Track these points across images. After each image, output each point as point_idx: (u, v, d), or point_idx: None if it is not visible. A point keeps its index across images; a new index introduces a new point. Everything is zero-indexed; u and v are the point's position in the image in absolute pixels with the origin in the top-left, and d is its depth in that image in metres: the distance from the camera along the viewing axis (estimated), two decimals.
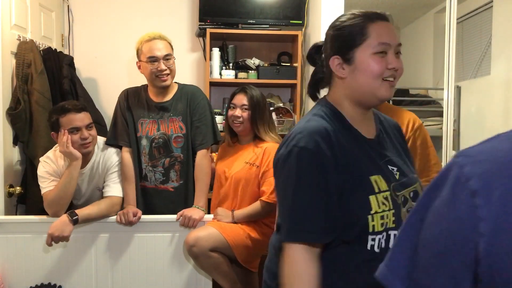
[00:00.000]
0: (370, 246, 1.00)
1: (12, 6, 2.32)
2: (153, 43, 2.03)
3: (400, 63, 1.04)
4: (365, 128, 1.10)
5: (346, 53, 1.05)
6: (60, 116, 1.93)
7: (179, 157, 2.10)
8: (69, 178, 1.93)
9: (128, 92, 2.18)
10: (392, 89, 1.05)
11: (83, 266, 2.02)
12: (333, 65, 1.07)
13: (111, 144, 2.13)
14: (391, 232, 1.01)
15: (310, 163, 0.98)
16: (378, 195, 1.00)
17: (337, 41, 1.07)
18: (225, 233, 1.91)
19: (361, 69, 1.03)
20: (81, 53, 3.09)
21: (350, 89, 1.07)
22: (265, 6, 2.89)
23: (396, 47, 1.04)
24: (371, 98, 1.05)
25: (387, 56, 1.02)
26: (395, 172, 1.06)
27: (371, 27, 1.03)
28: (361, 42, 1.03)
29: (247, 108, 2.06)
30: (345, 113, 1.09)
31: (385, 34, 1.02)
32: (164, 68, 2.02)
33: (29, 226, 2.00)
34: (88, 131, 1.98)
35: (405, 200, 1.04)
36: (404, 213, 1.03)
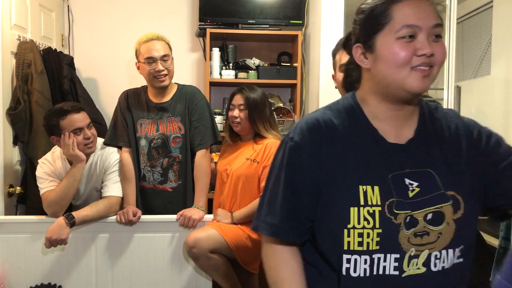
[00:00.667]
0: (345, 269, 0.87)
1: (12, 6, 2.32)
2: (151, 44, 2.03)
3: (437, 48, 0.86)
4: (394, 128, 0.93)
5: (367, 40, 0.90)
6: (60, 119, 1.92)
7: (178, 158, 2.10)
8: (72, 179, 1.93)
9: (128, 93, 2.18)
10: (427, 79, 0.86)
11: (83, 266, 2.02)
12: (355, 55, 0.94)
13: (110, 145, 2.13)
14: (376, 256, 0.85)
15: (290, 156, 0.93)
16: (362, 208, 0.86)
17: (358, 27, 0.93)
18: (225, 234, 1.91)
19: (383, 57, 0.87)
20: (81, 53, 3.09)
21: (374, 82, 0.92)
22: (265, 6, 2.89)
23: (431, 29, 0.85)
24: (399, 91, 0.88)
25: (416, 40, 0.85)
26: (412, 187, 0.89)
27: (396, 7, 0.86)
28: (383, 26, 0.87)
29: (243, 109, 2.07)
30: (368, 109, 0.95)
31: (411, 15, 0.85)
32: (161, 68, 2.02)
33: (29, 226, 2.00)
34: (89, 130, 1.98)
35: (413, 221, 0.87)
36: (406, 235, 0.86)
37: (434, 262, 0.87)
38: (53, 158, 2.06)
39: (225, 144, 2.28)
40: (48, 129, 1.97)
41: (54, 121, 1.92)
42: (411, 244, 0.86)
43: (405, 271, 0.86)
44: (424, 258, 0.86)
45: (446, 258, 0.88)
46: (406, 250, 0.86)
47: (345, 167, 0.90)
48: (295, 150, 0.93)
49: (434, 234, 0.87)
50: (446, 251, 0.87)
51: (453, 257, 0.88)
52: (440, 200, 0.88)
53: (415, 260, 0.86)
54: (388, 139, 0.92)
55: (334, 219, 0.88)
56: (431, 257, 0.87)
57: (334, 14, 2.51)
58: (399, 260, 0.86)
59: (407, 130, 0.94)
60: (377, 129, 0.93)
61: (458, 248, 0.89)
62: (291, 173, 0.93)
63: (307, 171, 0.91)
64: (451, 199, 0.89)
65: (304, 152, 0.92)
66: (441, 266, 0.87)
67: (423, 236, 0.86)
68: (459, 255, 0.89)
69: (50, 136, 1.97)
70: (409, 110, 0.94)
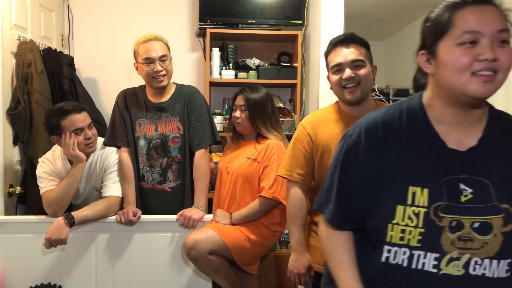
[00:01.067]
0: (385, 257, 0.96)
1: (12, 6, 2.32)
2: (149, 44, 2.03)
3: (502, 53, 0.86)
4: (457, 134, 0.95)
5: (431, 47, 0.94)
6: (61, 119, 1.92)
7: (177, 158, 2.10)
8: (72, 179, 1.93)
9: (126, 93, 2.18)
10: (490, 84, 0.87)
11: (83, 266, 2.02)
12: (421, 61, 0.98)
13: (109, 145, 2.12)
14: (416, 252, 0.92)
15: (346, 153, 1.01)
16: (408, 208, 0.92)
17: (423, 35, 0.97)
18: (224, 236, 1.91)
19: (444, 62, 0.90)
20: (81, 53, 3.09)
21: (438, 86, 0.95)
22: (265, 6, 2.89)
23: (496, 34, 0.87)
24: (460, 96, 0.90)
25: (477, 45, 0.87)
26: (466, 193, 0.91)
27: (458, 14, 0.89)
28: (445, 32, 0.90)
29: (244, 109, 2.07)
30: (433, 114, 0.97)
31: (473, 21, 0.87)
32: (159, 69, 2.02)
33: (29, 226, 2.00)
34: (90, 130, 1.98)
35: (459, 226, 0.90)
36: (449, 238, 0.90)
37: (473, 266, 0.90)
38: (53, 157, 2.06)
39: (228, 143, 2.28)
40: (48, 129, 1.97)
41: (55, 121, 1.92)
42: (455, 247, 0.90)
43: (441, 269, 0.91)
44: (465, 261, 0.90)
45: (488, 267, 0.90)
46: (447, 252, 0.90)
47: (398, 167, 0.95)
48: (351, 148, 1.00)
49: (478, 243, 0.90)
50: (490, 261, 0.90)
51: (498, 269, 0.90)
52: (491, 211, 0.90)
53: (456, 262, 0.91)
54: (448, 144, 0.95)
55: (381, 214, 0.95)
56: (471, 261, 0.90)
57: (334, 14, 2.51)
58: (438, 259, 0.91)
59: (470, 137, 0.95)
60: (438, 133, 0.96)
61: (506, 261, 0.90)
62: (345, 169, 1.01)
63: (360, 168, 0.98)
64: (503, 212, 0.90)
65: (359, 151, 0.99)
66: (481, 272, 0.90)
67: (467, 242, 0.90)
68: (508, 269, 0.91)
69: (51, 135, 1.97)
70: (475, 115, 0.95)
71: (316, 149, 1.63)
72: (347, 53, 1.54)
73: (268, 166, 1.98)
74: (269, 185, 1.93)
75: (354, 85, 1.54)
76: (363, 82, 1.54)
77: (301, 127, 1.68)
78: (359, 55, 1.54)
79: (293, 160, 1.67)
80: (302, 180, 1.66)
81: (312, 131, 1.64)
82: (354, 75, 1.53)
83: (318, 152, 1.62)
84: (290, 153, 1.69)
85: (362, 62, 1.54)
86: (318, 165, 1.63)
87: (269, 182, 1.94)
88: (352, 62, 1.54)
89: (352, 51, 1.55)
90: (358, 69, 1.54)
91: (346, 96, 1.56)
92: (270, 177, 1.94)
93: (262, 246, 2.03)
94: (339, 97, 1.61)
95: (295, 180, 1.66)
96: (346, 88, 1.55)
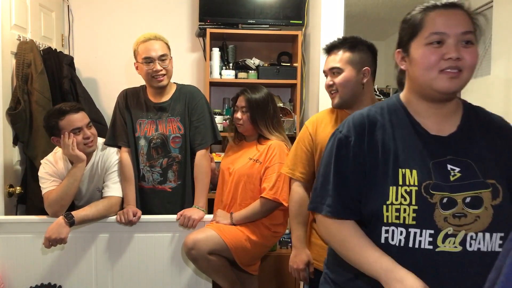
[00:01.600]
0: (384, 238, 0.99)
1: (12, 6, 2.32)
2: (149, 44, 2.03)
3: (466, 53, 0.96)
4: (436, 124, 1.04)
5: (405, 46, 1.05)
6: (59, 119, 1.93)
7: (177, 158, 2.10)
8: (72, 179, 1.94)
9: (127, 93, 2.18)
10: (455, 80, 0.97)
11: (83, 266, 2.02)
12: (397, 59, 1.09)
13: (110, 145, 2.13)
14: (412, 230, 0.96)
15: (338, 146, 1.07)
16: (400, 188, 0.98)
17: (400, 34, 1.08)
18: (224, 236, 1.91)
19: (415, 60, 1.01)
20: (81, 53, 3.09)
21: (412, 82, 1.06)
22: (265, 6, 2.89)
23: (460, 35, 0.96)
24: (430, 91, 1.00)
25: (443, 46, 0.97)
26: (454, 173, 0.99)
27: (428, 16, 1.00)
28: (417, 33, 1.01)
29: (245, 111, 2.06)
30: (412, 107, 1.07)
31: (440, 23, 0.97)
32: (159, 68, 2.02)
33: (29, 226, 2.00)
34: (89, 130, 1.98)
35: (450, 203, 0.96)
36: (442, 215, 0.95)
37: (469, 242, 0.95)
38: (55, 158, 2.06)
39: (230, 143, 2.28)
40: (48, 130, 1.98)
41: (53, 122, 1.93)
42: (449, 224, 0.96)
43: (438, 246, 0.95)
44: (461, 238, 0.95)
45: (482, 240, 0.95)
46: (441, 228, 0.96)
47: (387, 153, 1.02)
48: (342, 140, 1.07)
49: (471, 217, 0.96)
50: (483, 234, 0.95)
51: (491, 242, 0.95)
52: (480, 186, 0.98)
53: (452, 238, 0.95)
54: (430, 132, 1.04)
55: (376, 196, 1.00)
56: (467, 237, 0.95)
57: (334, 14, 2.51)
58: (433, 235, 0.96)
59: (450, 126, 1.04)
60: (419, 123, 1.05)
61: (497, 234, 0.96)
62: (339, 161, 1.06)
63: (353, 158, 1.04)
64: (491, 187, 0.97)
65: (349, 142, 1.06)
66: (476, 247, 0.95)
67: (461, 218, 0.96)
68: (501, 243, 0.96)
69: (51, 137, 1.98)
70: (449, 108, 1.05)
71: (316, 148, 1.67)
72: (329, 60, 1.63)
73: (270, 167, 1.98)
74: (270, 186, 1.93)
75: (334, 92, 1.61)
76: (340, 89, 1.59)
77: (305, 126, 1.74)
78: (338, 61, 1.59)
79: (296, 159, 1.73)
80: (303, 178, 1.71)
81: (313, 130, 1.69)
82: (332, 82, 1.60)
83: (317, 151, 1.66)
84: (294, 152, 1.75)
85: (338, 69, 1.59)
86: (317, 164, 1.65)
87: (270, 183, 1.94)
88: (330, 69, 1.61)
89: (333, 58, 1.61)
90: (335, 76, 1.60)
91: (332, 102, 1.65)
92: (272, 178, 1.94)
93: (262, 247, 2.03)
94: None
95: (297, 178, 1.72)
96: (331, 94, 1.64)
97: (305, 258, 1.68)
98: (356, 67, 1.58)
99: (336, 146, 1.08)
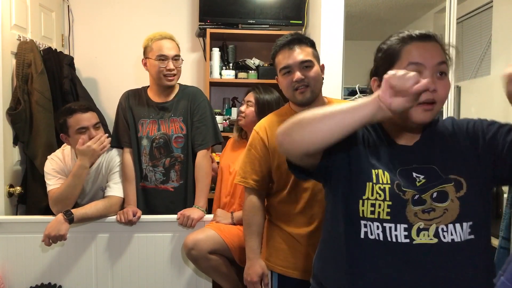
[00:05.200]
0: (364, 233, 1.02)
1: (12, 6, 2.32)
2: (164, 42, 2.05)
3: (440, 85, 0.99)
4: (405, 136, 1.09)
5: (382, 74, 1.01)
6: (67, 117, 1.96)
7: (180, 157, 2.11)
8: (77, 180, 1.95)
9: (129, 94, 2.20)
10: (429, 113, 1.00)
11: (83, 266, 2.02)
12: (373, 86, 1.10)
13: (114, 146, 2.14)
14: (387, 225, 1.00)
15: None
16: (374, 185, 1.02)
17: (376, 63, 1.10)
18: (224, 235, 1.91)
19: None
20: (81, 53, 3.09)
21: None
22: (265, 6, 2.90)
23: (436, 66, 0.99)
24: (405, 120, 1.02)
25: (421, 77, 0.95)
26: (420, 179, 1.03)
27: (405, 48, 1.02)
28: (394, 63, 1.02)
29: (251, 105, 2.07)
30: (386, 126, 1.10)
31: (417, 54, 1.00)
32: (172, 67, 2.05)
33: (29, 226, 2.00)
34: (95, 131, 1.99)
35: (421, 200, 1.00)
36: (412, 210, 0.99)
37: (442, 234, 0.99)
38: (63, 155, 2.09)
39: (231, 140, 2.27)
40: (58, 127, 2.03)
41: (62, 119, 1.97)
42: (418, 218, 0.99)
43: (414, 239, 0.98)
44: (433, 231, 0.98)
45: (454, 232, 0.99)
46: (413, 223, 0.99)
47: (363, 155, 1.07)
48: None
49: (439, 210, 1.00)
50: (453, 225, 0.99)
51: (463, 232, 0.99)
52: (443, 182, 1.02)
53: (425, 232, 0.99)
54: (398, 142, 1.09)
55: (354, 192, 1.04)
56: (438, 230, 0.99)
57: (334, 14, 2.52)
58: (407, 229, 0.99)
59: (414, 137, 1.09)
60: (389, 134, 1.10)
61: (467, 224, 0.99)
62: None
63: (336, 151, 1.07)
64: (453, 181, 1.02)
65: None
66: (450, 238, 0.98)
67: (430, 212, 1.00)
68: (470, 231, 0.99)
69: (60, 133, 2.02)
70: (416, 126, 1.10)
71: (272, 153, 1.58)
72: (295, 54, 1.52)
73: None
74: None
75: (304, 87, 1.52)
76: (313, 83, 1.53)
77: (254, 132, 1.64)
78: (307, 55, 1.53)
79: (248, 166, 1.63)
80: (257, 186, 1.61)
81: (265, 136, 1.60)
82: (304, 76, 1.51)
83: (275, 156, 1.57)
84: (245, 159, 1.65)
85: (310, 62, 1.53)
86: (276, 168, 1.59)
87: None
88: (301, 63, 1.52)
89: (300, 52, 1.53)
90: (307, 70, 1.52)
91: (297, 97, 1.54)
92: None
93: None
94: (291, 98, 1.59)
95: (251, 186, 1.62)
96: (296, 90, 1.53)
97: (260, 270, 1.61)
98: (319, 63, 1.57)
99: None
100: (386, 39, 1.09)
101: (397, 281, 0.99)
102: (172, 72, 2.05)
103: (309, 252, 1.54)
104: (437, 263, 0.98)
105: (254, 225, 1.62)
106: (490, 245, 1.06)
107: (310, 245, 1.54)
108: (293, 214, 1.58)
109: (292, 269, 1.59)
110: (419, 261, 0.98)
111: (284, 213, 1.61)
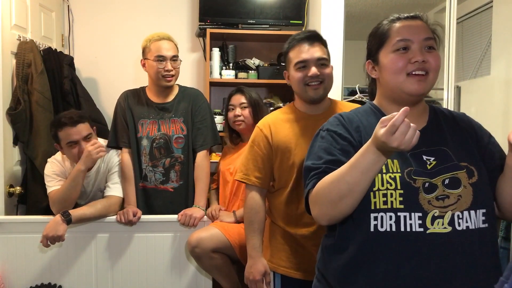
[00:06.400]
0: (373, 226, 1.01)
1: (12, 6, 2.32)
2: (162, 43, 2.06)
3: (430, 56, 1.06)
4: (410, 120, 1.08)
5: (374, 55, 1.13)
6: (57, 130, 1.95)
7: (180, 158, 2.11)
8: (74, 183, 1.94)
9: (127, 94, 2.19)
10: (423, 83, 1.05)
11: (83, 266, 2.02)
12: (368, 69, 1.17)
13: (112, 146, 2.14)
14: (401, 214, 0.99)
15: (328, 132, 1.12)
16: (384, 175, 1.02)
17: (368, 46, 1.17)
18: (228, 234, 1.91)
19: (384, 67, 1.09)
20: (81, 53, 3.09)
21: (383, 88, 1.14)
22: (265, 6, 2.89)
23: (423, 41, 1.07)
24: (401, 94, 1.08)
25: (409, 51, 1.06)
26: (430, 161, 1.05)
27: (393, 27, 1.10)
28: (384, 42, 1.10)
29: (246, 106, 2.07)
30: (385, 109, 1.14)
31: (405, 31, 1.07)
32: (170, 68, 2.05)
33: (29, 226, 2.00)
34: (87, 142, 1.96)
35: (432, 187, 1.01)
36: (425, 198, 1.00)
37: (457, 221, 0.99)
38: (62, 158, 2.09)
39: (226, 146, 2.28)
40: (52, 137, 2.02)
41: (53, 131, 1.97)
42: (433, 206, 1.00)
43: (428, 228, 0.99)
44: (449, 218, 0.99)
45: (469, 218, 1.00)
46: (428, 210, 1.00)
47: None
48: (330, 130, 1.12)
49: (453, 197, 1.01)
50: (468, 212, 1.00)
51: (477, 220, 1.00)
52: (454, 168, 1.04)
53: (440, 220, 0.99)
54: None
55: None
56: (454, 217, 0.99)
57: (334, 14, 2.51)
58: (422, 218, 0.99)
59: (420, 123, 1.11)
60: None
61: (481, 211, 1.01)
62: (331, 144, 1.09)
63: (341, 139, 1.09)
64: (464, 168, 1.04)
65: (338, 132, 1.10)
66: (465, 225, 0.99)
67: (444, 199, 1.01)
68: (484, 219, 1.01)
69: (54, 143, 2.02)
70: (418, 109, 1.12)
71: (275, 150, 1.58)
72: (313, 50, 1.52)
73: None
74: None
75: (318, 83, 1.52)
76: (327, 81, 1.53)
77: (258, 129, 1.63)
78: (324, 53, 1.54)
79: (250, 163, 1.61)
80: (260, 183, 1.60)
81: (268, 133, 1.59)
82: (319, 73, 1.51)
83: (278, 153, 1.57)
84: (248, 156, 1.63)
85: (326, 61, 1.54)
86: (278, 166, 1.58)
87: None
88: (318, 60, 1.52)
89: (318, 49, 1.53)
90: (323, 67, 1.53)
91: (309, 93, 1.53)
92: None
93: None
94: (301, 94, 1.57)
95: (253, 183, 1.60)
96: (309, 85, 1.52)
97: (262, 268, 1.59)
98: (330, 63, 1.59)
99: (326, 134, 1.12)
100: (376, 25, 1.16)
101: (407, 271, 0.98)
102: (170, 72, 2.06)
103: (312, 253, 1.53)
104: (450, 253, 0.99)
105: (255, 223, 1.61)
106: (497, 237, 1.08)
107: (313, 246, 1.53)
108: (295, 215, 1.57)
109: (295, 269, 1.58)
110: (430, 251, 0.98)
111: (286, 214, 1.60)
